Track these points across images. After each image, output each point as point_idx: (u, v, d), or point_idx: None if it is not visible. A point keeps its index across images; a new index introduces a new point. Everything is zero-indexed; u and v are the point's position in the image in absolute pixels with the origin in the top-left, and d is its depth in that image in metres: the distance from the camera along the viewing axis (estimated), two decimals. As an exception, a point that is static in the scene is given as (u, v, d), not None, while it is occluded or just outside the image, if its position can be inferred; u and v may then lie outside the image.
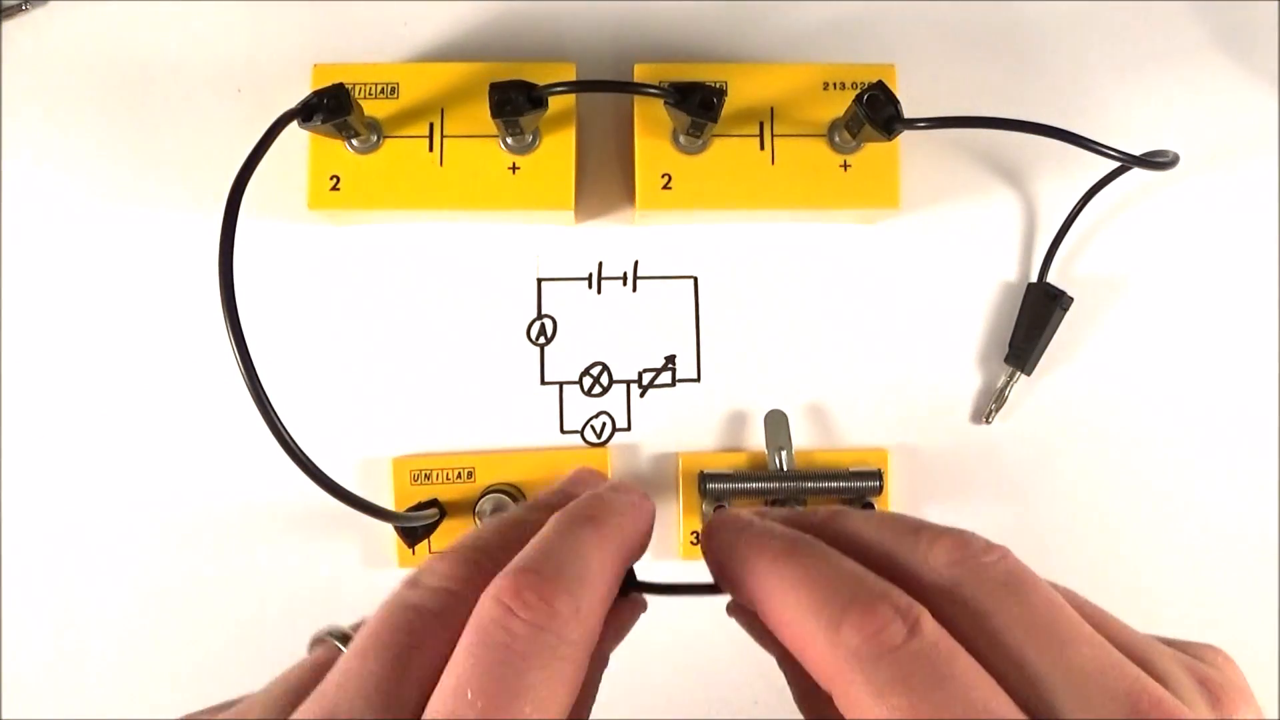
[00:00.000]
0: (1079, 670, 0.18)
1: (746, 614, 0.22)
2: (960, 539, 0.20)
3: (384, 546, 0.33)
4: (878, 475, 0.32)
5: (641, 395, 0.34)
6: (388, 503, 0.32)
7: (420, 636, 0.20)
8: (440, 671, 0.19)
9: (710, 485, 0.32)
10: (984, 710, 0.18)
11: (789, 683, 0.22)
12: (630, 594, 0.24)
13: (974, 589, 0.20)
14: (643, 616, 0.24)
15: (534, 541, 0.21)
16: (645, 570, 0.22)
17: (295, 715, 0.20)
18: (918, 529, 0.21)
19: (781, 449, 0.32)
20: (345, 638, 0.23)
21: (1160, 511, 0.34)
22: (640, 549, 0.23)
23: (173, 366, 0.33)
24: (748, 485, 0.32)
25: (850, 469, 0.32)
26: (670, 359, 0.34)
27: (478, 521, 0.31)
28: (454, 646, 0.20)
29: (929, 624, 0.19)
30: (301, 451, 0.23)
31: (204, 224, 0.33)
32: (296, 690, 0.22)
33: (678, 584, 0.24)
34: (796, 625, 0.20)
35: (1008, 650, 0.19)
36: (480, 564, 0.21)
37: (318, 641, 0.24)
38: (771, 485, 0.32)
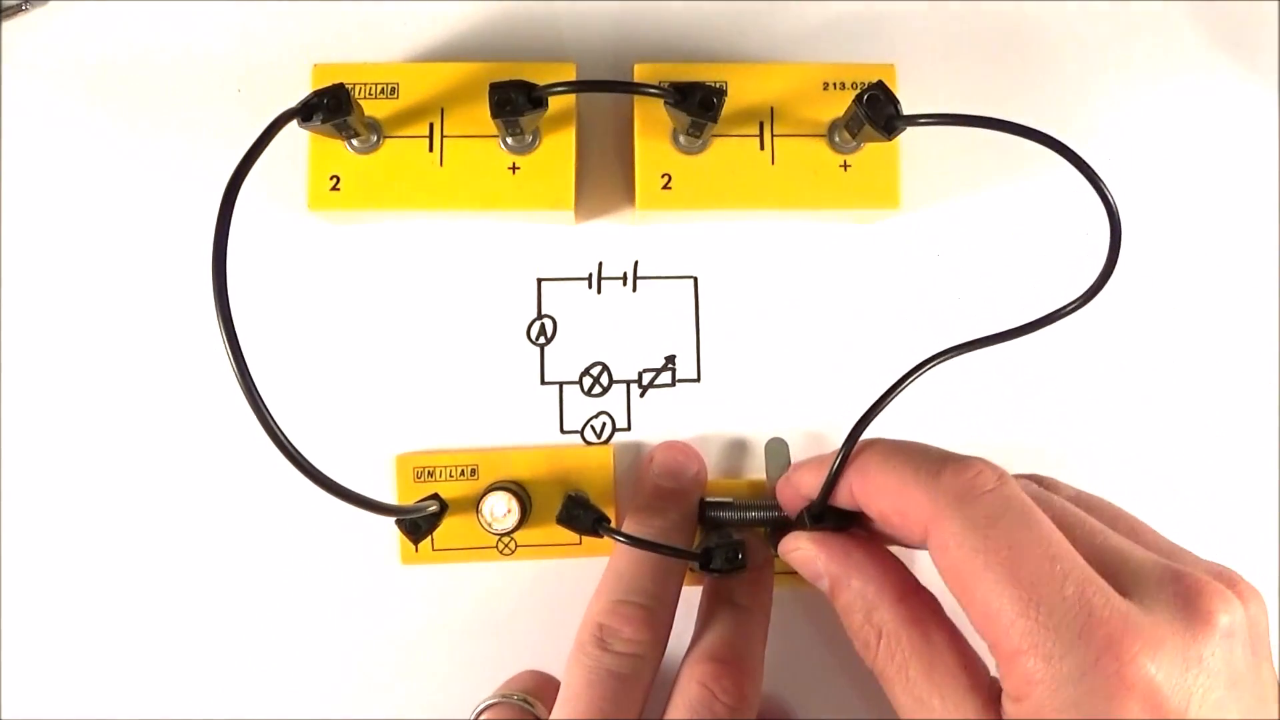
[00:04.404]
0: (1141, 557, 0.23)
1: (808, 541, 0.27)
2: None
3: (387, 544, 0.33)
4: None
5: (641, 395, 0.34)
6: (391, 501, 0.32)
7: (621, 699, 0.26)
8: None
9: (710, 514, 0.31)
10: (1065, 554, 0.21)
11: (843, 609, 0.26)
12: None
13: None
14: None
15: (719, 631, 0.28)
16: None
17: None
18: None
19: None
20: (525, 701, 0.29)
21: (1160, 512, 0.34)
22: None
23: (173, 366, 0.33)
24: (748, 514, 0.31)
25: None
26: (670, 359, 0.34)
27: (481, 519, 0.31)
28: (643, 699, 0.26)
29: (1014, 482, 0.23)
30: (295, 448, 0.23)
31: (204, 224, 0.33)
32: None
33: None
34: (895, 485, 0.24)
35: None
36: (656, 622, 0.27)
37: (494, 705, 0.29)
38: (771, 515, 0.30)
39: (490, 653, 0.33)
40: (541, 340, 0.34)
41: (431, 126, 0.31)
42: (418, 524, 0.30)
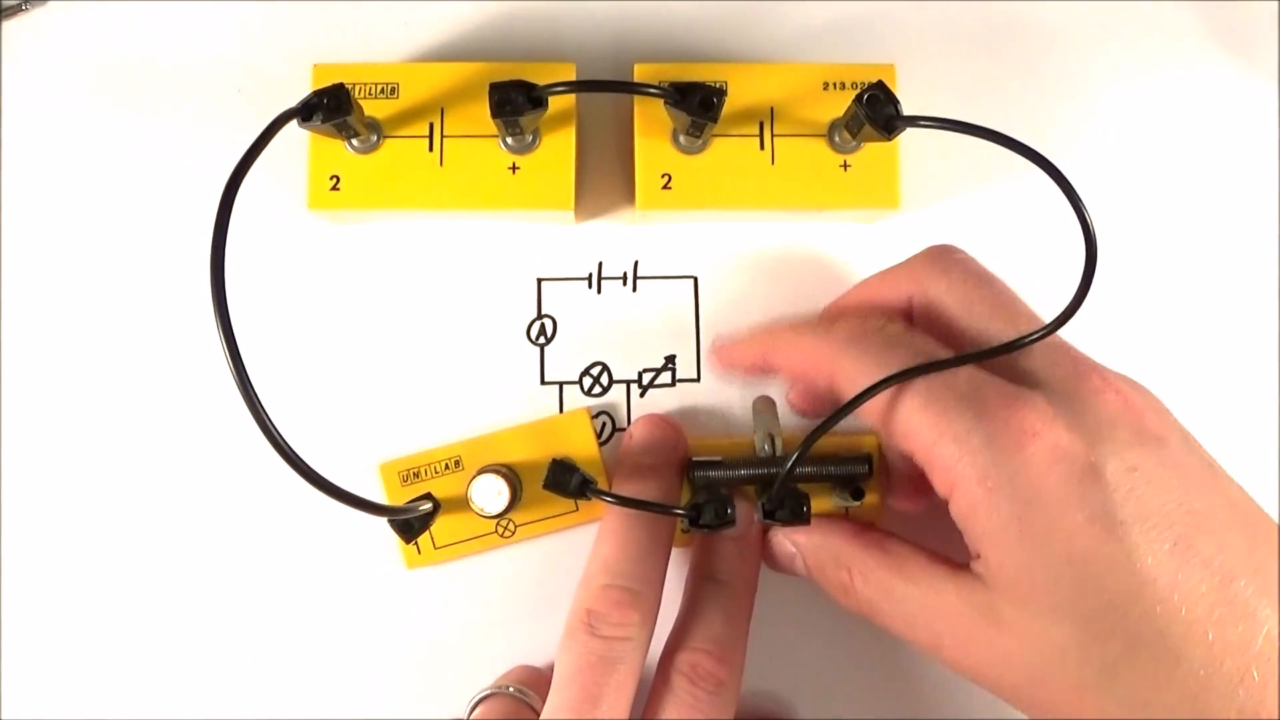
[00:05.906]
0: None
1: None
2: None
3: (391, 551, 0.33)
4: (868, 460, 0.31)
5: (641, 395, 0.34)
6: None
7: (612, 683, 0.26)
8: (626, 705, 0.27)
9: (698, 473, 0.31)
10: (928, 354, 0.26)
11: (816, 571, 0.29)
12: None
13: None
14: None
15: (700, 615, 0.29)
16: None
17: None
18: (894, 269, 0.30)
19: (771, 435, 0.31)
20: (520, 692, 0.30)
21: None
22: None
23: (173, 367, 0.33)
24: (737, 473, 0.31)
25: (841, 454, 0.31)
26: (670, 359, 0.34)
27: (473, 505, 0.31)
28: (633, 681, 0.27)
29: (898, 324, 0.28)
30: (288, 445, 0.23)
31: (204, 224, 0.33)
32: None
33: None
34: (797, 344, 0.29)
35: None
36: (643, 604, 0.28)
37: (489, 697, 0.30)
38: (760, 471, 0.31)
39: (503, 641, 0.33)
40: (541, 340, 0.34)
41: (431, 126, 0.31)
42: (410, 524, 0.30)
